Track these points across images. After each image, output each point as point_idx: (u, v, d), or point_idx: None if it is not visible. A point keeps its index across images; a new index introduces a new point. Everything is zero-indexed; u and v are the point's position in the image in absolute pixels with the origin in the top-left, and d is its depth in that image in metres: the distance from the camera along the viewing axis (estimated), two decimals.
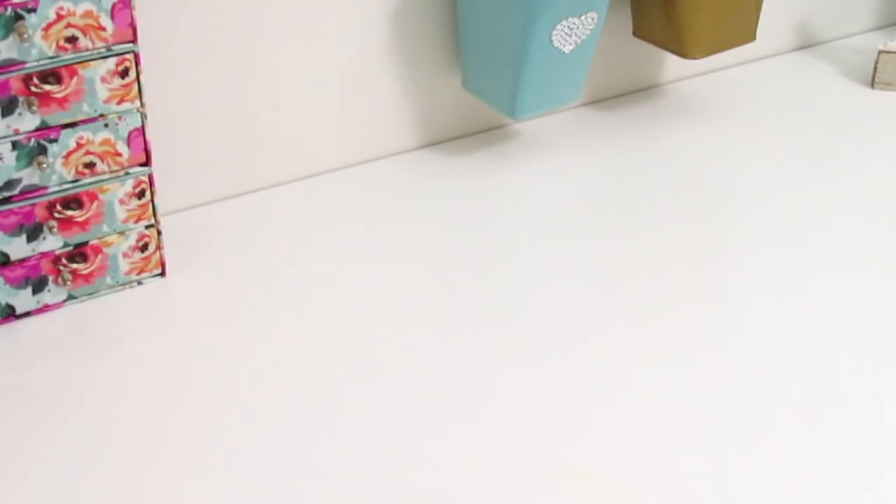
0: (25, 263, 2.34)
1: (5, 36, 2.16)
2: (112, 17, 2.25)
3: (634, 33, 3.23)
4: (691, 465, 2.04)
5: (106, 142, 2.34)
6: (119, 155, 2.37)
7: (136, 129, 2.36)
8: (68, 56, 2.23)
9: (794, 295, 2.52)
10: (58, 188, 2.32)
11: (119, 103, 2.33)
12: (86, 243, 2.39)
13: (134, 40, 2.29)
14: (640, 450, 2.07)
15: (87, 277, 2.42)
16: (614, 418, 2.15)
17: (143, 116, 2.36)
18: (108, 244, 2.42)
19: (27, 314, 2.38)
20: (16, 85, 2.20)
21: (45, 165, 2.27)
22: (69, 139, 2.29)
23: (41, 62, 2.21)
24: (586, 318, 2.43)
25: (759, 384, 2.24)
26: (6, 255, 2.31)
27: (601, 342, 2.35)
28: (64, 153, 2.30)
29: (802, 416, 2.16)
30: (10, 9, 2.14)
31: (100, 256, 2.42)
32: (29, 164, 2.27)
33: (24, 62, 2.19)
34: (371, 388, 2.21)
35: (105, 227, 2.41)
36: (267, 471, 2.01)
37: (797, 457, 2.06)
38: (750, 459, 2.05)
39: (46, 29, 2.19)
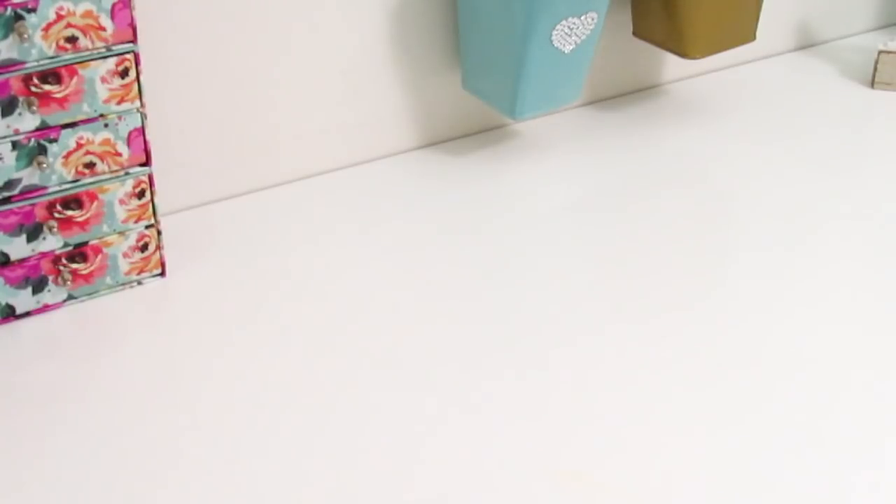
0: (25, 263, 2.34)
1: (5, 36, 2.16)
2: (112, 17, 2.25)
3: (634, 33, 3.23)
4: (690, 465, 2.04)
5: (106, 142, 2.34)
6: (119, 155, 2.37)
7: (136, 129, 2.36)
8: (68, 56, 2.23)
9: (794, 294, 2.52)
10: (58, 188, 2.32)
11: (119, 103, 2.33)
12: (86, 243, 2.39)
13: (134, 40, 2.29)
14: (639, 449, 2.07)
15: (87, 277, 2.42)
16: (613, 417, 2.15)
17: (143, 116, 2.36)
18: (108, 244, 2.42)
19: (27, 314, 2.38)
20: (16, 85, 2.20)
21: (45, 165, 2.27)
22: (69, 139, 2.29)
23: (41, 62, 2.21)
24: (585, 317, 2.43)
25: (757, 384, 2.24)
26: (6, 255, 2.31)
27: (600, 341, 2.35)
28: (64, 153, 2.30)
29: (801, 416, 2.16)
30: (10, 9, 2.14)
31: (100, 256, 2.42)
32: (29, 164, 2.27)
33: (24, 62, 2.19)
34: (370, 387, 2.21)
35: (105, 227, 2.41)
36: (266, 469, 2.01)
37: (795, 455, 2.06)
38: (748, 458, 2.05)
39: (46, 29, 2.19)
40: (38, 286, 2.37)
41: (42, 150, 2.27)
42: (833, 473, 2.02)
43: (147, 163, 2.41)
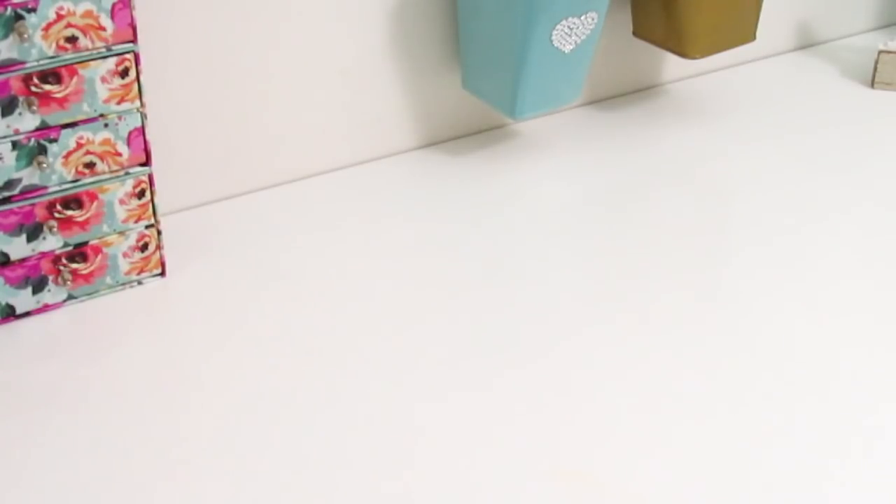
0: (25, 263, 2.34)
1: (5, 36, 2.16)
2: (112, 17, 2.25)
3: (634, 33, 3.23)
4: (690, 461, 2.04)
5: (106, 142, 2.34)
6: (119, 155, 2.37)
7: (136, 129, 2.36)
8: (68, 56, 2.23)
9: (793, 293, 2.52)
10: (58, 188, 2.32)
11: (119, 103, 2.33)
12: (86, 243, 2.39)
13: (134, 40, 2.29)
14: (640, 447, 2.07)
15: (87, 277, 2.42)
16: (614, 415, 2.15)
17: (143, 116, 2.36)
18: (108, 244, 2.42)
19: (27, 314, 2.38)
20: (16, 85, 2.20)
21: (45, 165, 2.27)
22: (69, 139, 2.29)
23: (41, 62, 2.21)
24: (585, 316, 2.43)
25: (757, 380, 2.24)
26: (6, 255, 2.31)
27: (599, 340, 2.35)
28: (64, 153, 2.30)
29: (797, 413, 2.16)
30: (10, 9, 2.14)
31: (100, 256, 2.42)
32: (29, 164, 2.27)
33: (24, 62, 2.19)
34: (369, 386, 2.21)
35: (105, 227, 2.41)
36: (266, 469, 2.01)
37: (790, 453, 2.06)
38: (744, 455, 2.05)
39: (46, 29, 2.19)
40: (38, 286, 2.37)
41: (42, 150, 2.27)
42: (833, 468, 2.02)
43: (147, 163, 2.41)
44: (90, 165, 2.34)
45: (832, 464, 2.04)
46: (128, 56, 2.29)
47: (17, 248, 2.32)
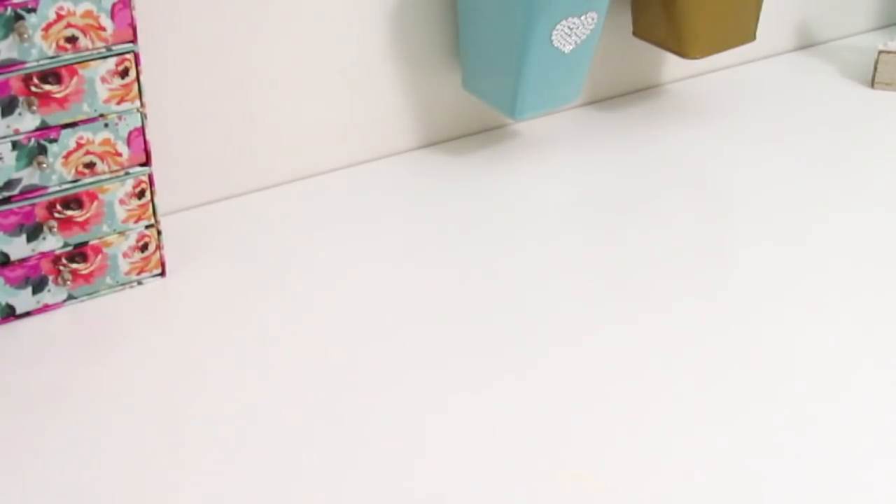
0: (25, 263, 2.34)
1: (5, 36, 2.16)
2: (112, 17, 2.25)
3: (634, 33, 3.23)
4: (691, 464, 2.04)
5: (106, 142, 2.34)
6: (119, 155, 2.37)
7: (136, 129, 2.36)
8: (68, 56, 2.23)
9: (793, 293, 2.52)
10: (58, 188, 2.32)
11: (119, 103, 2.33)
12: (86, 243, 2.39)
13: (134, 40, 2.29)
14: (641, 448, 2.07)
15: (87, 277, 2.42)
16: (614, 416, 2.15)
17: (143, 116, 2.36)
18: (108, 244, 2.42)
19: (27, 314, 2.38)
20: (16, 85, 2.20)
21: (45, 165, 2.27)
22: (69, 139, 2.29)
23: (41, 62, 2.21)
24: (586, 316, 2.43)
25: (758, 382, 2.24)
26: (6, 255, 2.31)
27: (600, 341, 2.35)
28: (64, 153, 2.30)
29: (798, 415, 2.16)
30: (10, 9, 2.14)
31: (100, 256, 2.42)
32: (29, 164, 2.27)
33: (24, 62, 2.19)
34: (370, 387, 2.21)
35: (105, 227, 2.41)
36: (267, 469, 2.01)
37: (792, 455, 2.06)
38: (745, 457, 2.05)
39: (46, 29, 2.19)
40: (38, 286, 2.37)
41: (42, 150, 2.27)
42: (834, 472, 2.02)
43: (147, 163, 2.41)
44: (90, 165, 2.34)
45: (838, 466, 2.04)
46: (128, 56, 2.29)
47: (17, 248, 2.32)
